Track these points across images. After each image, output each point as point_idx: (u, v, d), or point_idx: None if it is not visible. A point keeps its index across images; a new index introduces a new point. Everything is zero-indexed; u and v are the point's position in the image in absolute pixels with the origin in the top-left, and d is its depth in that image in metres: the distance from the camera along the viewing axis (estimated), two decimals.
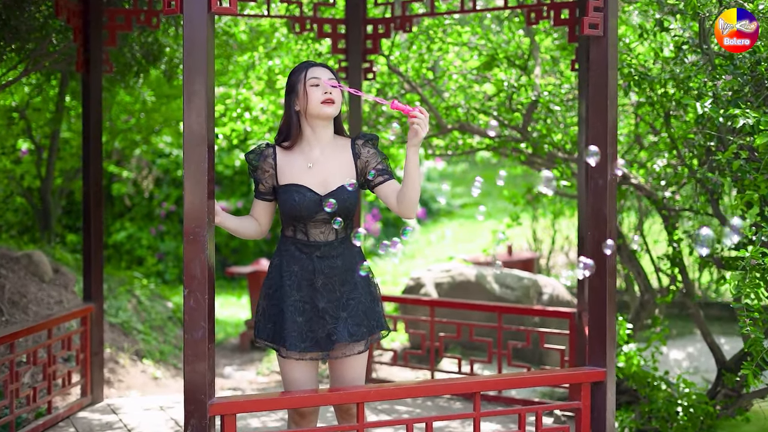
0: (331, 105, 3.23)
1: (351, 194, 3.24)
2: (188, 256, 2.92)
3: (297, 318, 3.22)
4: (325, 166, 3.27)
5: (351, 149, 3.32)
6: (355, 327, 3.22)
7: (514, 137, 5.68)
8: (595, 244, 3.45)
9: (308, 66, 3.28)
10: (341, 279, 3.26)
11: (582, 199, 4.74)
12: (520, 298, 6.76)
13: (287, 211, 3.24)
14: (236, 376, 6.78)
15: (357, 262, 3.30)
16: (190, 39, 2.90)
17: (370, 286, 3.33)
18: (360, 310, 3.25)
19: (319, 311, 3.22)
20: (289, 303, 3.23)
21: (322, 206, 3.21)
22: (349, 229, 3.33)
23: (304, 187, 3.23)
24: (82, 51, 4.87)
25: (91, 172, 4.94)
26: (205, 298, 2.92)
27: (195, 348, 2.93)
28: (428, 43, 6.01)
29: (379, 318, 3.32)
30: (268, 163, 3.30)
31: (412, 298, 5.44)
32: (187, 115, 2.91)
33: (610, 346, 3.48)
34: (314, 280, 3.23)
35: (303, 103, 3.25)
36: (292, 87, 3.28)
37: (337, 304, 3.24)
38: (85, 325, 4.93)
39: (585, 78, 4.70)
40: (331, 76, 3.28)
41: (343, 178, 3.26)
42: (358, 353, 3.27)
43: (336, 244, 3.27)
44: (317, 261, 3.24)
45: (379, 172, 3.28)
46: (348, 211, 3.25)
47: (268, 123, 6.28)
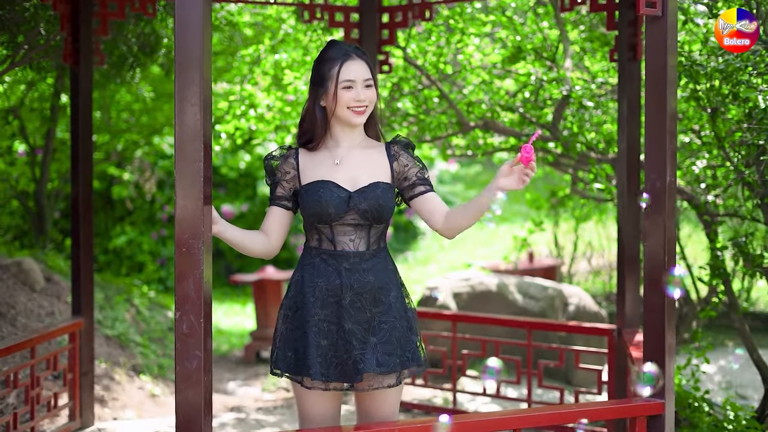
0: (360, 115, 2.80)
1: (385, 194, 2.78)
2: (180, 272, 2.47)
3: (321, 341, 2.75)
4: (354, 163, 2.83)
5: (386, 151, 2.88)
6: (386, 356, 2.74)
7: (543, 136, 5.21)
8: (653, 254, 3.00)
9: (344, 57, 2.79)
10: (373, 297, 2.78)
11: (623, 204, 4.28)
12: (545, 309, 6.29)
13: (311, 211, 2.77)
14: (240, 393, 6.32)
15: (392, 280, 2.83)
16: (183, 17, 2.46)
17: (407, 311, 2.85)
18: (393, 337, 2.76)
19: (345, 333, 2.74)
20: (312, 323, 2.76)
21: (350, 205, 2.75)
22: (383, 243, 2.86)
23: (330, 182, 2.78)
24: (71, 41, 4.42)
25: (81, 173, 4.50)
26: (200, 321, 2.47)
27: (188, 379, 2.48)
28: (447, 35, 5.54)
29: (415, 350, 2.83)
30: (289, 164, 2.85)
31: (433, 312, 4.98)
32: (180, 106, 2.46)
33: (669, 375, 3.02)
34: (341, 297, 2.76)
35: (330, 103, 2.80)
36: (320, 80, 2.81)
37: (366, 327, 2.76)
38: (73, 341, 4.48)
39: (625, 70, 4.24)
40: (368, 76, 2.81)
41: (377, 176, 2.81)
42: (389, 387, 2.79)
43: (368, 255, 2.80)
44: (345, 274, 2.77)
45: (421, 180, 2.84)
46: (381, 213, 2.78)
47: (274, 121, 5.82)
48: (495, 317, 4.87)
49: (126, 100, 8.40)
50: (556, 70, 5.22)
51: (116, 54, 5.41)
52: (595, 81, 5.03)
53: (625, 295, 4.29)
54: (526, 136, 5.18)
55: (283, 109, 5.78)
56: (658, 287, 2.99)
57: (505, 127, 5.24)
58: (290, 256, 10.51)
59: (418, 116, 5.46)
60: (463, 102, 5.41)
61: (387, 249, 2.90)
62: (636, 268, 4.32)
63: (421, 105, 5.58)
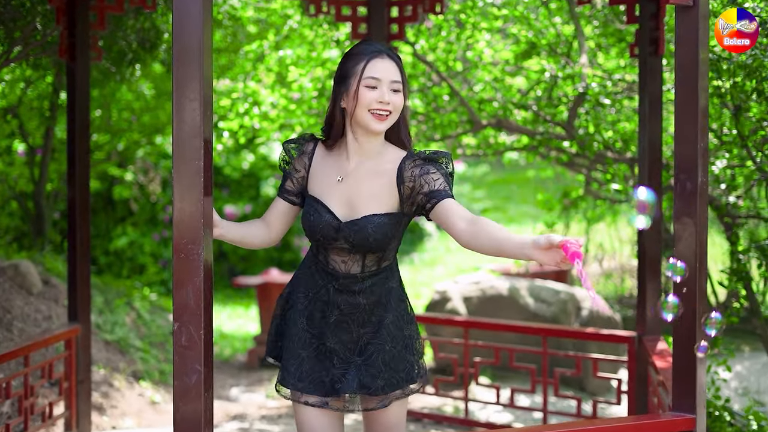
0: (382, 121, 2.50)
1: (379, 228, 2.50)
2: (178, 280, 2.28)
3: (300, 350, 2.59)
4: (356, 185, 2.57)
5: (397, 170, 2.55)
6: (369, 378, 2.54)
7: (558, 135, 5.01)
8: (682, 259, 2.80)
9: (371, 54, 2.52)
10: (362, 319, 2.59)
11: None
12: (557, 313, 6.09)
13: (305, 228, 2.60)
14: (243, 400, 6.13)
15: (390, 299, 2.61)
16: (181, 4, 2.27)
17: (404, 329, 2.63)
18: (379, 360, 2.55)
19: (327, 350, 2.58)
20: (295, 331, 2.61)
21: (339, 234, 2.53)
22: (385, 263, 2.62)
23: (323, 207, 2.56)
24: (67, 35, 4.24)
25: (78, 174, 4.31)
26: (200, 333, 2.28)
27: (187, 396, 2.29)
28: (458, 31, 5.35)
29: (410, 369, 2.61)
30: (302, 162, 2.64)
31: (444, 318, 4.78)
32: (178, 101, 2.27)
33: (701, 387, 2.83)
34: (327, 314, 2.59)
35: (351, 104, 2.53)
36: (343, 77, 2.55)
37: (351, 347, 2.59)
38: (69, 348, 4.30)
39: (647, 65, 4.04)
40: (397, 78, 2.53)
41: (377, 207, 2.53)
42: (376, 408, 2.59)
43: (360, 278, 2.58)
44: (333, 293, 2.58)
45: (428, 196, 2.48)
46: (370, 247, 2.53)
47: (278, 119, 5.63)
48: (509, 324, 4.67)
49: (127, 99, 8.22)
50: (570, 66, 5.03)
51: (115, 50, 5.22)
52: (612, 78, 4.83)
53: (646, 301, 4.10)
54: (540, 134, 4.98)
55: (288, 107, 5.59)
56: (689, 295, 2.80)
57: (518, 125, 5.04)
58: (295, 257, 10.33)
59: (428, 114, 5.27)
60: (475, 99, 5.22)
61: (392, 265, 2.65)
62: (657, 273, 4.12)
63: (430, 103, 5.38)
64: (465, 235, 2.39)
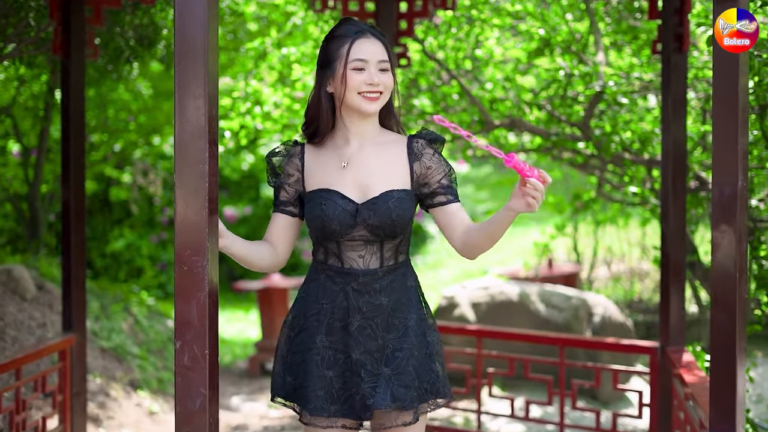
0: (374, 102, 2.37)
1: (401, 204, 2.36)
2: (181, 294, 2.08)
3: (325, 372, 2.36)
4: (364, 165, 2.40)
5: (407, 148, 2.43)
6: (402, 389, 2.33)
7: (573, 135, 4.81)
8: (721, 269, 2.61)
9: (355, 34, 2.38)
10: (385, 322, 2.38)
11: (668, 209, 3.89)
12: (569, 320, 5.89)
13: (314, 225, 2.38)
14: (244, 409, 5.93)
15: (411, 300, 2.43)
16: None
17: (427, 334, 2.44)
18: (410, 366, 2.36)
19: (353, 363, 2.35)
20: (315, 351, 2.37)
21: (357, 219, 2.35)
22: (401, 257, 2.45)
23: (335, 193, 2.37)
24: (61, 31, 4.03)
25: (73, 175, 4.10)
26: (205, 353, 2.08)
27: (190, 422, 2.09)
28: (468, 28, 5.15)
29: (435, 381, 2.42)
30: (293, 165, 2.45)
31: (456, 327, 4.58)
32: (180, 99, 2.07)
33: (740, 404, 2.64)
34: (348, 321, 2.37)
35: (339, 88, 2.38)
36: (327, 61, 2.40)
37: (378, 356, 2.36)
38: (63, 360, 4.09)
39: (670, 62, 3.85)
40: (384, 58, 2.39)
41: (391, 183, 2.38)
42: (404, 425, 2.38)
43: (381, 273, 2.39)
44: (353, 296, 2.37)
45: (443, 189, 2.41)
46: (394, 228, 2.36)
47: (282, 119, 5.42)
48: (525, 333, 4.47)
49: (124, 99, 8.01)
50: (587, 64, 4.83)
51: (112, 47, 5.02)
52: (630, 76, 4.64)
53: (669, 310, 3.90)
54: (555, 135, 4.79)
55: (292, 107, 5.38)
56: (728, 307, 2.61)
57: (531, 125, 4.84)
58: (296, 261, 10.13)
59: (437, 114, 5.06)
60: (486, 98, 5.02)
61: (407, 261, 2.49)
62: (681, 280, 3.93)
63: (439, 102, 5.19)
64: (462, 241, 2.39)
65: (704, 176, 4.76)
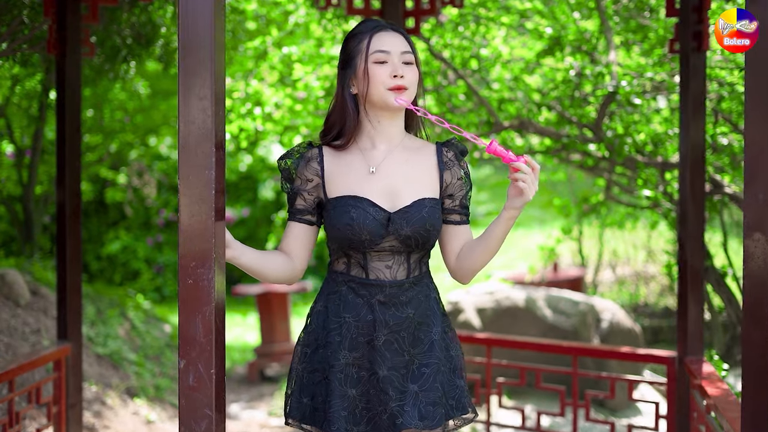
0: (402, 93, 2.22)
1: (433, 213, 2.24)
2: (186, 310, 1.93)
3: (349, 390, 2.22)
4: (394, 171, 2.26)
5: (437, 156, 2.31)
6: (430, 407, 2.20)
7: (584, 137, 4.67)
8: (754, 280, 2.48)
9: (373, 29, 2.26)
10: (412, 336, 2.25)
11: (686, 213, 3.75)
12: (576, 326, 5.75)
13: (340, 234, 2.23)
14: (244, 417, 5.78)
15: (435, 312, 2.30)
16: None
17: (450, 348, 2.32)
18: (438, 382, 2.23)
19: (379, 381, 2.21)
20: (338, 368, 2.22)
21: (389, 230, 2.21)
22: (424, 268, 2.32)
23: (364, 200, 2.22)
24: (56, 28, 3.89)
25: (67, 177, 3.95)
26: (211, 373, 1.93)
27: None
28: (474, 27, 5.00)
29: (461, 396, 2.31)
30: (312, 169, 2.29)
31: (464, 336, 4.44)
32: (184, 99, 1.93)
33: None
34: (374, 336, 2.23)
35: (362, 85, 2.24)
36: (348, 59, 2.28)
37: (404, 373, 2.23)
38: (59, 370, 3.94)
39: (689, 62, 3.71)
40: (407, 48, 2.27)
41: (420, 191, 2.25)
42: None
43: (408, 284, 2.26)
44: (379, 309, 2.24)
45: (461, 208, 2.33)
46: (428, 239, 2.24)
47: (283, 121, 5.27)
48: (537, 341, 4.33)
49: (120, 99, 7.86)
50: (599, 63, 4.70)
51: (108, 45, 4.87)
52: (643, 76, 4.50)
53: (687, 318, 3.76)
54: (566, 137, 4.65)
55: (293, 108, 5.24)
56: (761, 319, 2.47)
57: (541, 126, 4.70)
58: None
59: (443, 115, 4.92)
60: (495, 99, 4.88)
61: (429, 272, 2.36)
62: (699, 287, 3.79)
63: (445, 103, 5.04)
64: (458, 261, 2.31)
65: (719, 179, 4.63)
